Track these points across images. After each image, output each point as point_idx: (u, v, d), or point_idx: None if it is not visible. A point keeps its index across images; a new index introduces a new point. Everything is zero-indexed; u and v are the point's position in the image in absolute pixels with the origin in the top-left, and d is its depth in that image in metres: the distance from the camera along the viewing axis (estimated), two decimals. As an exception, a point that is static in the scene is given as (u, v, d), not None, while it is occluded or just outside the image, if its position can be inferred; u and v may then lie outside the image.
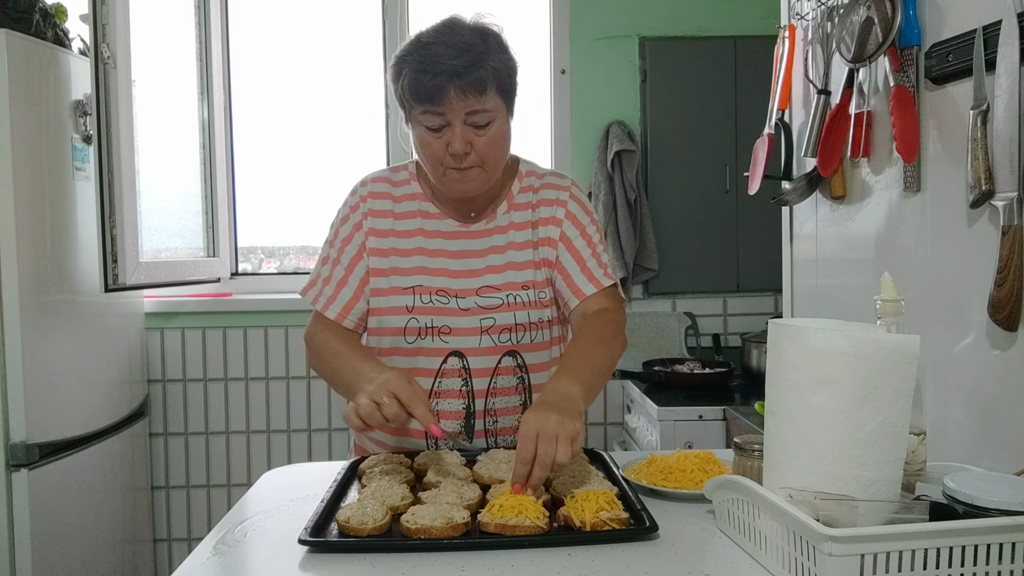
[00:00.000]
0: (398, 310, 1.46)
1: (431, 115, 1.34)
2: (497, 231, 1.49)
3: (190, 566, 1.02)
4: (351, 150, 3.13)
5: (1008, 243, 1.15)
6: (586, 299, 1.45)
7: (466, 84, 1.31)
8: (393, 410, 1.19)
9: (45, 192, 2.27)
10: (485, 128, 1.36)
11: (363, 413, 1.19)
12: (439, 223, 1.50)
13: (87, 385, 2.45)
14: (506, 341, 1.46)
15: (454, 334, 1.45)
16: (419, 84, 1.32)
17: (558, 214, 1.50)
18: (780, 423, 0.99)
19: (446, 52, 1.31)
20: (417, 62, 1.33)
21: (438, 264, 1.47)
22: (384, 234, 1.49)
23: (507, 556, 1.01)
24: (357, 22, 3.10)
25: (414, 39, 1.37)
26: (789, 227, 1.95)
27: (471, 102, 1.33)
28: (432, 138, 1.36)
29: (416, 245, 1.48)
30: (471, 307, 1.45)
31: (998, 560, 0.86)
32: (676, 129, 3.00)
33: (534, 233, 1.49)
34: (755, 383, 2.66)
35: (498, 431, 1.49)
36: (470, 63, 1.31)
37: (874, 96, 1.54)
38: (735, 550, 1.03)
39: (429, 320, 1.44)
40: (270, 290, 3.06)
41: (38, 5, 2.30)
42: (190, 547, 2.87)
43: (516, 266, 1.47)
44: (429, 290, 1.45)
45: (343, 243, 1.50)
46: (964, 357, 1.28)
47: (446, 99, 1.32)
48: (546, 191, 1.52)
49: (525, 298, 1.46)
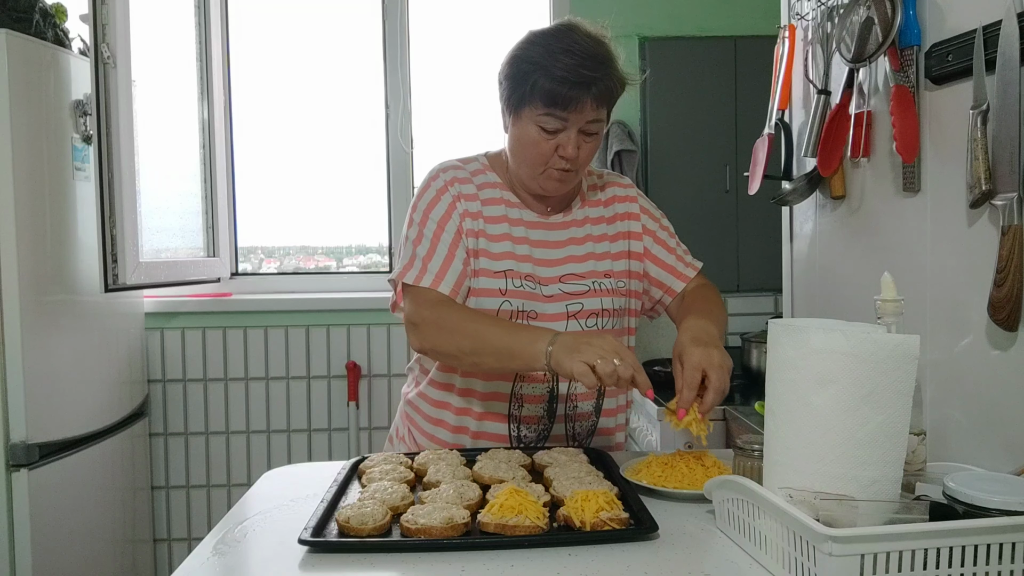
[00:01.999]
0: (492, 292, 1.47)
1: (553, 119, 1.38)
2: (574, 224, 1.55)
3: (190, 566, 1.02)
4: (351, 150, 3.13)
5: (1008, 243, 1.15)
6: (689, 280, 1.58)
7: (599, 95, 1.37)
8: (629, 372, 1.24)
9: (45, 192, 2.26)
10: (594, 136, 1.42)
11: (604, 371, 1.22)
12: (521, 212, 1.53)
13: (87, 385, 2.45)
14: (592, 326, 1.49)
15: (540, 319, 1.47)
16: (555, 91, 1.35)
17: (632, 209, 1.58)
18: (780, 423, 0.99)
19: (584, 63, 1.35)
20: (552, 67, 1.36)
21: (523, 251, 1.50)
22: (475, 216, 1.51)
23: (507, 556, 1.01)
24: (357, 22, 3.10)
25: (541, 42, 1.40)
26: (789, 227, 1.95)
27: (597, 112, 1.39)
28: (543, 139, 1.40)
29: (503, 231, 1.51)
30: (555, 294, 1.49)
31: (998, 560, 0.86)
32: (676, 129, 3.00)
33: (609, 227, 1.56)
34: (755, 383, 2.66)
35: (577, 416, 1.52)
36: (604, 75, 1.37)
37: (874, 96, 1.54)
38: (735, 550, 1.03)
39: (520, 304, 1.47)
40: (270, 290, 3.06)
41: (38, 5, 2.30)
42: (190, 547, 2.88)
43: (597, 256, 1.53)
44: (519, 275, 1.48)
45: (441, 221, 1.48)
46: (964, 357, 1.29)
47: (581, 107, 1.36)
48: (613, 188, 1.60)
49: (609, 285, 1.51)
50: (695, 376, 1.28)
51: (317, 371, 2.96)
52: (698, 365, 1.28)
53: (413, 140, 3.07)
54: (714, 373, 1.27)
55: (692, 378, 1.28)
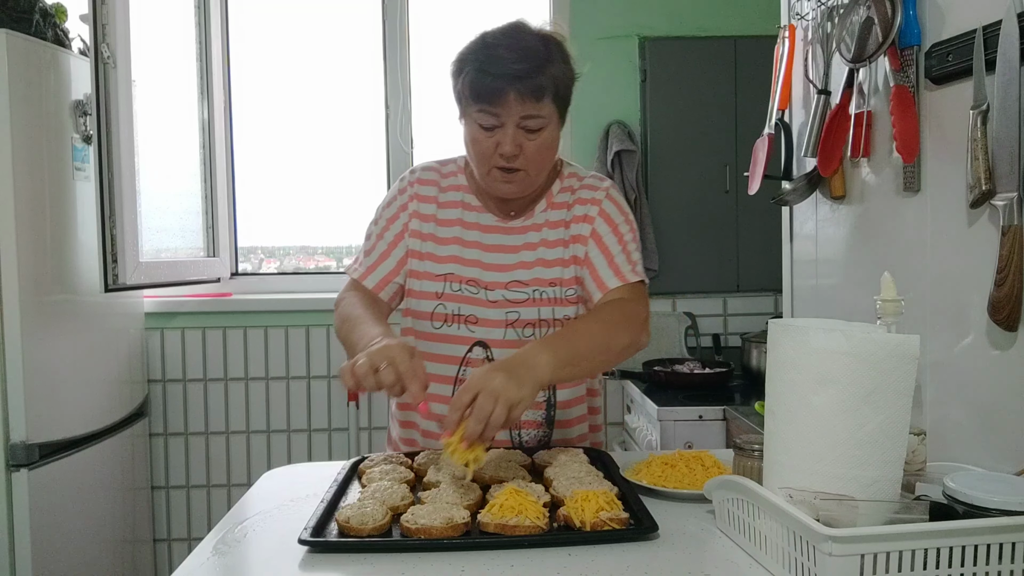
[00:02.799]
0: (428, 295, 1.50)
1: (486, 114, 1.37)
2: (532, 228, 1.52)
3: (190, 566, 1.02)
4: (351, 150, 3.13)
5: (1008, 243, 1.15)
6: (609, 291, 1.44)
7: (525, 89, 1.34)
8: (390, 378, 1.16)
9: (45, 192, 2.26)
10: (536, 133, 1.39)
11: (359, 372, 1.17)
12: (479, 216, 1.53)
13: (87, 385, 2.45)
14: (529, 336, 1.47)
15: (480, 324, 1.47)
16: (479, 84, 1.35)
17: (591, 212, 1.50)
18: (780, 423, 0.99)
19: (510, 55, 1.34)
20: (480, 62, 1.36)
21: (472, 255, 1.50)
22: (426, 219, 1.53)
23: (507, 556, 1.01)
24: (357, 22, 3.10)
25: (479, 38, 1.40)
26: (789, 227, 1.95)
27: (527, 107, 1.36)
28: (483, 136, 1.39)
29: (454, 235, 1.51)
30: (499, 300, 1.48)
31: (998, 560, 0.86)
32: (676, 129, 3.00)
33: (566, 231, 1.51)
34: (755, 383, 2.66)
35: (521, 424, 1.51)
36: (532, 69, 1.34)
37: (874, 96, 1.54)
38: (735, 550, 1.03)
39: (456, 308, 1.48)
40: (270, 290, 3.06)
41: (38, 5, 2.30)
42: (190, 547, 2.87)
43: (545, 263, 1.49)
44: (460, 279, 1.49)
45: (388, 221, 1.55)
46: (964, 357, 1.28)
47: (504, 101, 1.35)
48: (583, 191, 1.53)
49: (551, 294, 1.48)
50: (462, 398, 1.14)
51: (317, 371, 2.96)
52: (471, 387, 1.15)
53: (413, 140, 3.07)
54: (482, 398, 1.12)
55: (459, 399, 1.14)
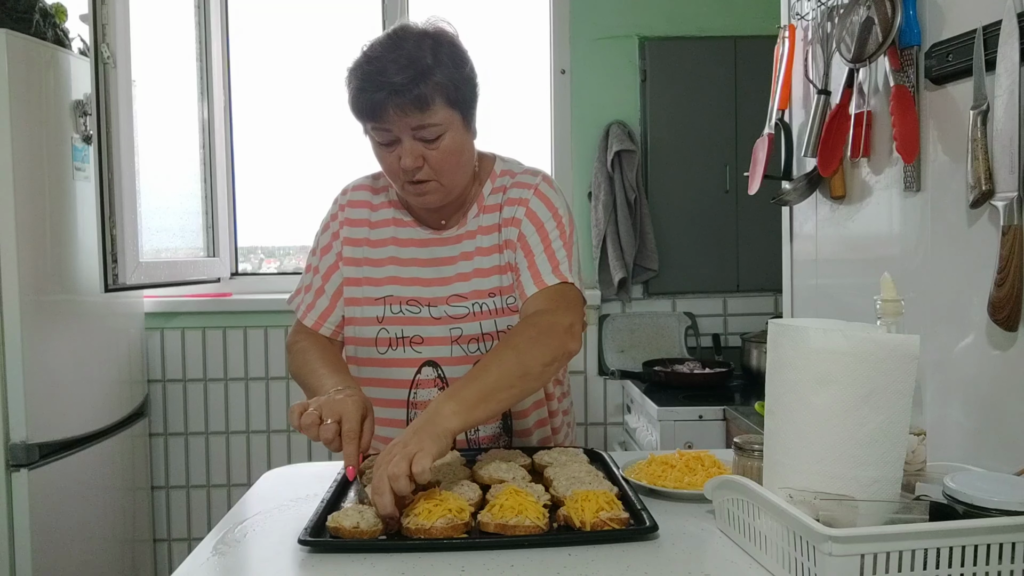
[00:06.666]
0: (369, 321, 1.44)
1: (379, 131, 1.32)
2: (467, 236, 1.44)
3: (190, 566, 1.03)
4: (351, 150, 3.12)
5: (1008, 243, 1.15)
6: (527, 300, 1.35)
7: (406, 102, 1.27)
8: (328, 435, 1.15)
9: (45, 192, 2.26)
10: (435, 142, 1.32)
11: (304, 422, 1.15)
12: (411, 231, 1.47)
13: (87, 385, 2.45)
14: (475, 351, 1.42)
15: (427, 344, 1.42)
16: (360, 101, 1.30)
17: (518, 214, 1.42)
18: (780, 423, 0.99)
19: (389, 68, 1.27)
20: (359, 79, 1.30)
21: (410, 273, 1.45)
22: (358, 243, 1.48)
23: (507, 556, 1.01)
24: (357, 22, 3.10)
25: (360, 52, 1.33)
26: (789, 227, 1.95)
27: (413, 118, 1.28)
28: (385, 152, 1.34)
29: (389, 255, 1.47)
30: (442, 316, 1.42)
31: (998, 560, 0.86)
32: (676, 129, 3.00)
33: (499, 236, 1.43)
34: (755, 383, 2.66)
35: (480, 440, 1.47)
36: (411, 79, 1.27)
37: (874, 96, 1.54)
38: (735, 550, 1.03)
39: (399, 331, 1.42)
40: (270, 290, 3.06)
41: (38, 5, 2.30)
42: (190, 547, 2.87)
43: (482, 272, 1.42)
44: (400, 300, 1.43)
45: (322, 252, 1.51)
46: (964, 357, 1.28)
47: (387, 116, 1.28)
48: (514, 190, 1.44)
49: (491, 306, 1.41)
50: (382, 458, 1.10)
51: (317, 371, 2.95)
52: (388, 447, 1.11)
53: (413, 140, 3.06)
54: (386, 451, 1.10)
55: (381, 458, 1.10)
